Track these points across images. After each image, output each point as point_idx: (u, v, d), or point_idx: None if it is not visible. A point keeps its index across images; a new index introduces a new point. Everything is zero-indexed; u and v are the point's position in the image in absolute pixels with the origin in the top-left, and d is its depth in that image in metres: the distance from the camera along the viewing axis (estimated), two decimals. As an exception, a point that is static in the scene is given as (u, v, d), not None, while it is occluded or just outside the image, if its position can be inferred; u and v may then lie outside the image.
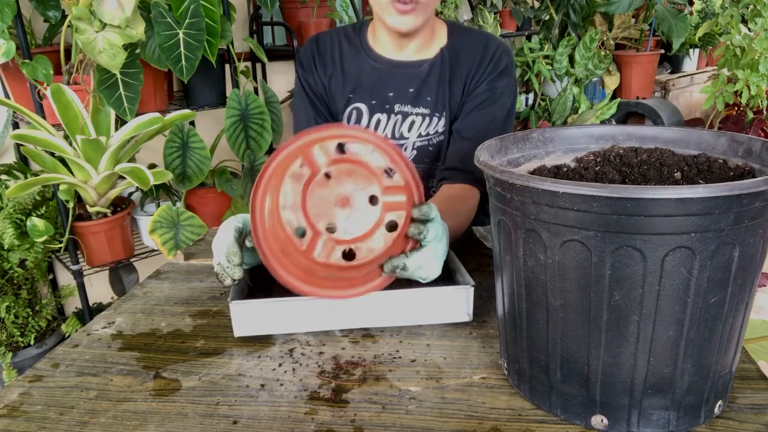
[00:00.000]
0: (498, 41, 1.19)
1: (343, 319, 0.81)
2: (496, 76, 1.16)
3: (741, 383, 0.68)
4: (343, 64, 1.22)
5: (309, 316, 0.80)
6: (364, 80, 1.20)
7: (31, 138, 1.51)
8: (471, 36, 1.19)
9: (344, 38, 1.23)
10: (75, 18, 1.45)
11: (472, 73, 1.17)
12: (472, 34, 1.20)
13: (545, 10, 2.91)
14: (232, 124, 1.94)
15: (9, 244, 1.71)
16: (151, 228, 1.84)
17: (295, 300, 0.79)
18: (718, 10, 2.58)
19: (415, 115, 1.20)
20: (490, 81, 1.16)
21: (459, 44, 1.18)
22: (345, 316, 0.81)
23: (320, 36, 1.24)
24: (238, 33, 2.37)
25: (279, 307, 0.79)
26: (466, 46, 1.18)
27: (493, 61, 1.16)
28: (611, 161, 0.70)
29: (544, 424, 0.63)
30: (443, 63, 1.18)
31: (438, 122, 1.19)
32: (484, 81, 1.16)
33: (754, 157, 0.65)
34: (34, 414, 0.67)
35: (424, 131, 1.20)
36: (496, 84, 1.16)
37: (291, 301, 0.79)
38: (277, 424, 0.64)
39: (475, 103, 1.16)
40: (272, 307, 0.79)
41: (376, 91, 1.20)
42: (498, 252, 0.66)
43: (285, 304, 0.79)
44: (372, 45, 1.21)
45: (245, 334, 0.81)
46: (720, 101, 2.40)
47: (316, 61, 1.22)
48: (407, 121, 1.20)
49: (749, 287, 0.58)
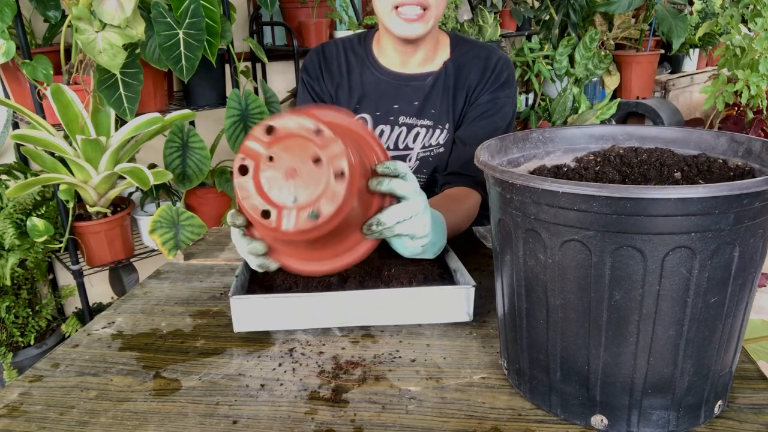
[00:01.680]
0: (499, 53, 1.23)
1: (343, 316, 0.81)
2: (497, 88, 1.19)
3: (741, 383, 0.68)
4: (349, 75, 1.23)
5: (308, 313, 0.80)
6: (370, 92, 1.22)
7: (31, 138, 1.51)
8: (473, 49, 1.22)
9: (350, 50, 1.25)
10: (75, 18, 1.45)
11: (474, 85, 1.20)
12: (474, 47, 1.23)
13: (545, 10, 2.91)
14: (232, 124, 1.94)
15: (9, 244, 1.71)
16: (151, 228, 1.84)
17: (296, 296, 0.79)
18: (718, 10, 2.58)
19: (419, 126, 1.22)
20: (492, 92, 1.19)
21: (462, 58, 1.21)
22: (344, 314, 0.81)
23: (326, 46, 1.26)
24: (238, 33, 2.37)
25: (279, 303, 0.79)
26: (469, 59, 1.21)
27: (495, 73, 1.19)
28: (611, 161, 0.70)
29: (544, 423, 0.63)
30: (447, 76, 1.21)
31: (440, 134, 1.22)
32: (486, 92, 1.20)
33: (754, 157, 0.65)
34: (34, 414, 0.67)
35: (427, 142, 1.23)
36: (498, 95, 1.20)
37: (291, 297, 0.79)
38: (277, 424, 0.64)
39: (477, 113, 1.20)
40: (272, 303, 0.79)
41: (381, 103, 1.22)
42: (498, 252, 0.66)
43: (285, 300, 0.79)
44: (377, 57, 1.23)
45: (245, 329, 0.81)
46: (720, 101, 2.41)
47: (323, 70, 1.24)
48: (412, 133, 1.22)
49: (749, 287, 0.58)
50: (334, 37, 2.44)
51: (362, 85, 1.22)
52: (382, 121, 1.22)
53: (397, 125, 1.22)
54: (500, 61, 1.20)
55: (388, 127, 1.22)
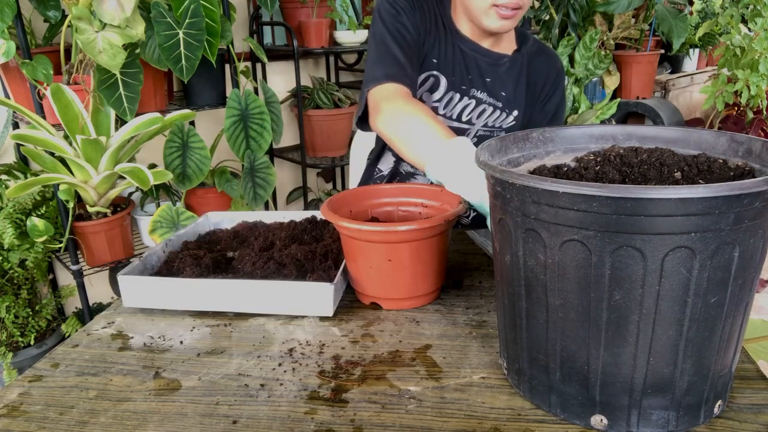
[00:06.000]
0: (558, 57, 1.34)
1: (218, 302, 0.88)
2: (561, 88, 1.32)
3: (741, 383, 0.68)
4: (436, 27, 1.22)
5: (188, 296, 0.88)
6: (450, 54, 1.22)
7: (31, 138, 1.51)
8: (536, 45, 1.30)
9: (436, 3, 1.23)
10: (75, 18, 1.45)
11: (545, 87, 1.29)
12: (536, 43, 1.31)
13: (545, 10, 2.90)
14: (232, 124, 1.94)
15: (9, 244, 1.71)
16: (151, 228, 1.84)
17: (174, 280, 0.88)
18: (718, 10, 2.58)
19: (487, 104, 1.23)
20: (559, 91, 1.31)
21: (534, 55, 1.28)
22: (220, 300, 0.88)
23: None
24: (238, 33, 2.37)
25: (159, 284, 0.89)
26: (542, 59, 1.29)
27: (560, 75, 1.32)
28: (611, 161, 0.70)
29: (544, 423, 0.63)
30: (522, 66, 1.25)
31: (506, 118, 1.24)
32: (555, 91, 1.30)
33: (754, 157, 0.65)
34: (33, 414, 0.67)
35: (491, 122, 1.24)
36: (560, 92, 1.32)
37: (170, 281, 0.88)
38: (277, 423, 0.64)
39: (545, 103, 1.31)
40: (153, 284, 0.89)
41: (458, 69, 1.22)
42: (498, 252, 0.66)
43: (164, 282, 0.89)
44: (456, 23, 1.23)
45: (132, 305, 0.91)
46: (720, 101, 2.40)
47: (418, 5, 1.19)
48: (479, 108, 1.23)
49: (749, 287, 0.58)
50: (334, 38, 2.45)
51: (444, 43, 1.21)
52: (455, 88, 1.22)
53: (467, 96, 1.22)
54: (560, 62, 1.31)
55: (458, 95, 1.22)
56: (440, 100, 1.21)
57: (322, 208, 0.89)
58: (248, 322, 0.86)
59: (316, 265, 0.92)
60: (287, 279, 0.89)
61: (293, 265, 0.91)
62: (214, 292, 0.87)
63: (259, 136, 1.99)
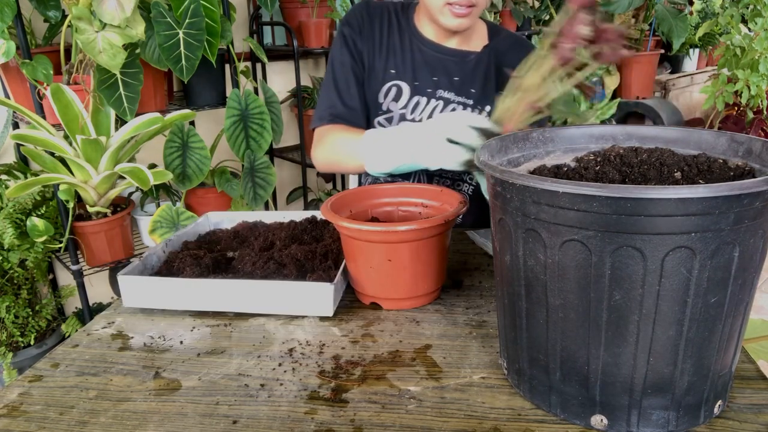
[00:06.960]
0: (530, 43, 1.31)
1: (218, 302, 0.88)
2: None
3: (741, 383, 0.68)
4: (389, 38, 1.24)
5: (187, 296, 0.89)
6: (409, 60, 1.23)
7: (31, 138, 1.51)
8: (510, 38, 1.29)
9: (393, 13, 1.26)
10: (75, 18, 1.45)
11: None
12: (510, 36, 1.30)
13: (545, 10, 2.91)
14: (232, 124, 1.94)
15: (9, 244, 1.71)
16: (151, 228, 1.84)
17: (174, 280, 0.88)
18: (718, 10, 2.58)
19: (456, 103, 1.24)
20: None
21: (502, 47, 1.27)
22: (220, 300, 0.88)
23: (371, 3, 1.27)
24: (238, 33, 2.37)
25: (159, 284, 0.89)
26: (509, 49, 1.27)
27: None
28: (611, 161, 0.70)
29: (544, 423, 0.63)
30: (489, 60, 1.25)
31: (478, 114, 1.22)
32: None
33: (754, 157, 0.65)
34: (33, 414, 0.67)
35: None
36: None
37: (170, 281, 0.88)
38: (277, 423, 0.64)
39: None
40: (154, 284, 0.89)
41: (421, 73, 1.23)
42: (498, 252, 0.66)
43: (164, 283, 0.89)
44: (419, 28, 1.25)
45: (133, 305, 0.91)
46: (720, 101, 2.40)
47: (365, 26, 1.24)
48: (448, 108, 1.24)
49: (749, 287, 0.58)
50: (334, 37, 2.45)
51: (401, 51, 1.23)
52: (420, 92, 1.23)
53: (434, 98, 1.23)
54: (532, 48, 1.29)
55: (425, 99, 1.23)
56: (406, 107, 1.23)
57: (322, 208, 0.89)
58: (248, 322, 0.86)
59: (316, 265, 0.92)
60: (287, 279, 0.89)
61: (293, 265, 0.91)
62: (214, 292, 0.87)
63: (259, 136, 1.99)
